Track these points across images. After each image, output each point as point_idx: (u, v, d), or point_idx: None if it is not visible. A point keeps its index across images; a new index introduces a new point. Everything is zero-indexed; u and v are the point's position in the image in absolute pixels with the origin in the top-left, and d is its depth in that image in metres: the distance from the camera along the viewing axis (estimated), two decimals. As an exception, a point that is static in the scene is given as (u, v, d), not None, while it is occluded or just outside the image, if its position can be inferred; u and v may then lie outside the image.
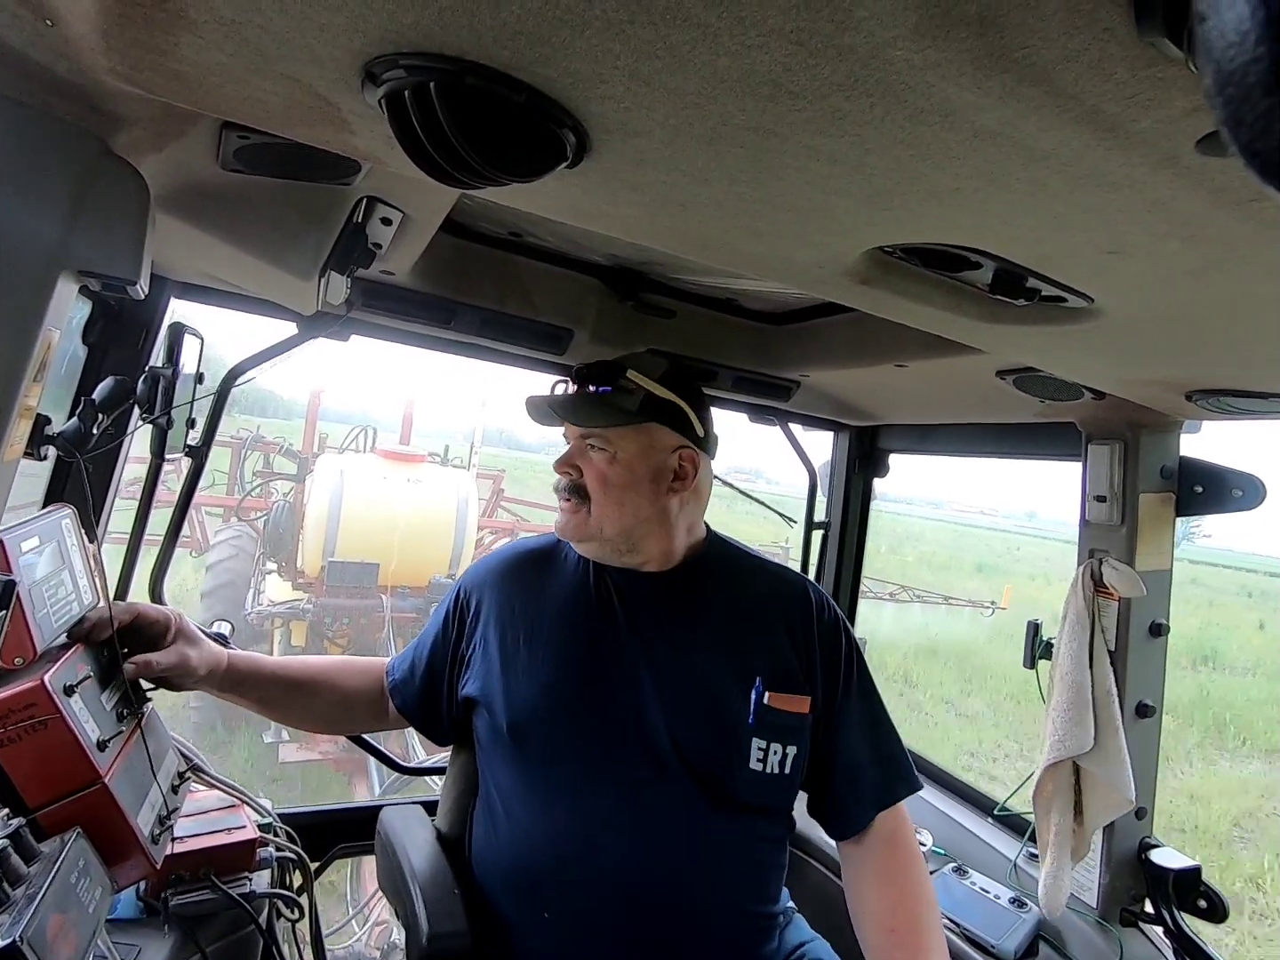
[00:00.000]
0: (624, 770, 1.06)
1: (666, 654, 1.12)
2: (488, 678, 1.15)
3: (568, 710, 1.09)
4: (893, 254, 0.77)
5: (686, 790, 1.06)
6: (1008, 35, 0.39)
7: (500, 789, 1.13)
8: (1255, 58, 0.16)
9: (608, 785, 1.06)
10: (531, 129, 0.56)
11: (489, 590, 1.22)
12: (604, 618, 1.15)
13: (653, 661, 1.12)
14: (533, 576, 1.22)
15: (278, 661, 1.24)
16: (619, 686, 1.10)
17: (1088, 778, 1.38)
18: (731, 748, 1.08)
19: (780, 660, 1.14)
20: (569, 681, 1.11)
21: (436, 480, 7.76)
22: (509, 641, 1.16)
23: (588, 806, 1.05)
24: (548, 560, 1.24)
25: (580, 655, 1.13)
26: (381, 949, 3.64)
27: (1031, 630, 1.53)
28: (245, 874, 1.21)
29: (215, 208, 0.99)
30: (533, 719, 1.10)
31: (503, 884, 1.10)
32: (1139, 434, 1.37)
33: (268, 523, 7.74)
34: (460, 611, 1.23)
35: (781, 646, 1.15)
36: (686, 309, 1.60)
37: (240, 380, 1.44)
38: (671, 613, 1.16)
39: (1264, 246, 0.60)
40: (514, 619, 1.17)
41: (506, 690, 1.12)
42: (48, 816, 0.84)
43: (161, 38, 0.54)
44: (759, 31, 0.42)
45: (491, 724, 1.14)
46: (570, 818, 1.05)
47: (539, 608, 1.17)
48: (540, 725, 1.09)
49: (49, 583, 0.92)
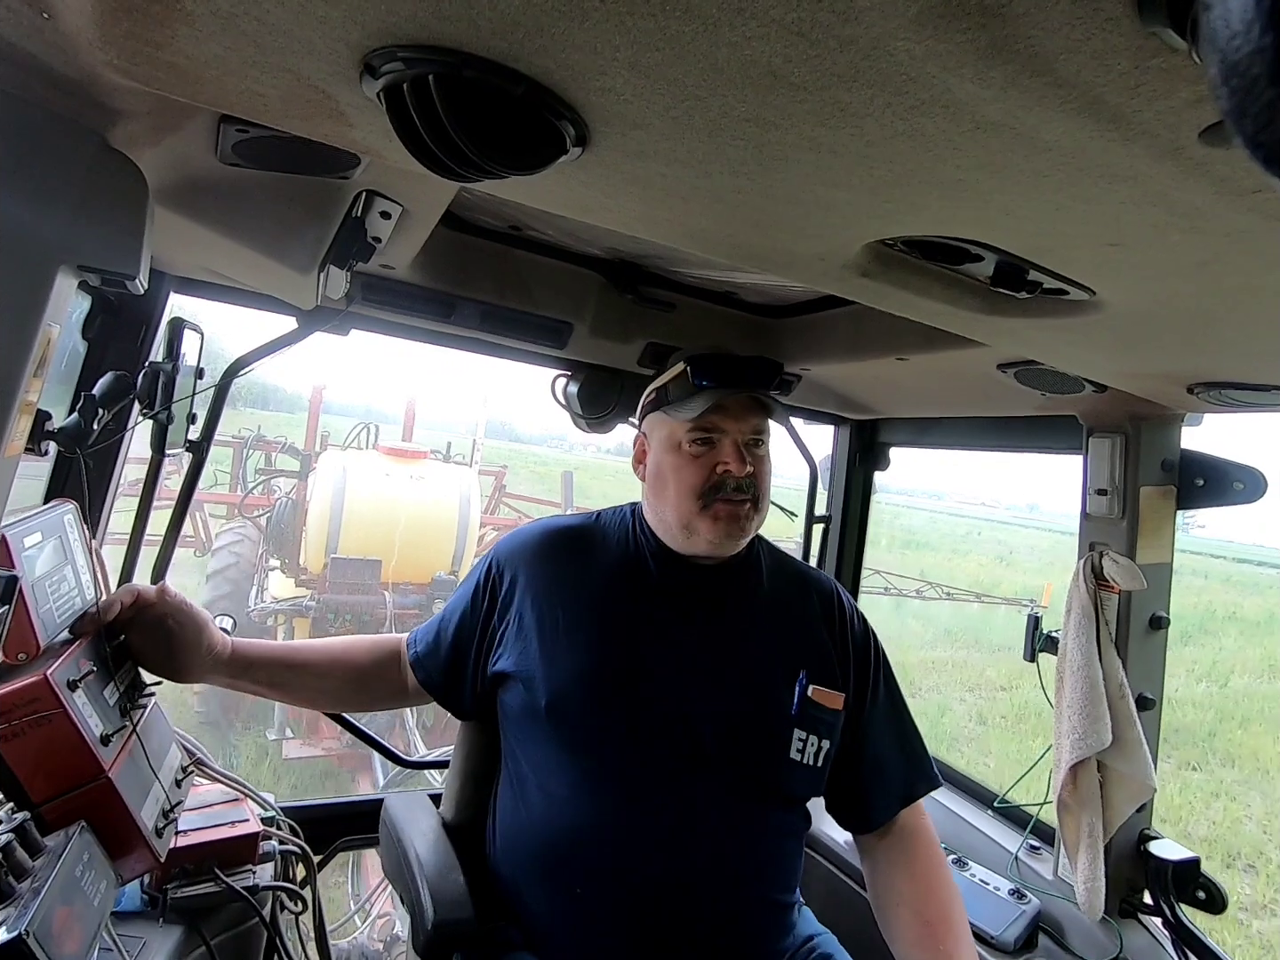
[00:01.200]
0: (666, 756, 1.06)
1: (717, 643, 1.13)
2: (525, 655, 1.13)
3: (614, 693, 1.09)
4: (894, 247, 0.77)
5: (727, 778, 1.07)
6: (1010, 26, 0.39)
7: (534, 766, 1.12)
8: (1260, 48, 0.16)
9: (650, 770, 1.06)
10: (530, 121, 0.56)
11: (525, 566, 1.19)
12: (655, 603, 1.15)
13: (703, 650, 1.12)
14: (575, 556, 1.20)
15: (286, 644, 1.23)
16: (667, 672, 1.10)
17: (1109, 773, 1.37)
18: (775, 737, 1.10)
19: (822, 655, 1.17)
20: (616, 664, 1.10)
21: (439, 477, 7.76)
22: (550, 620, 1.14)
23: (629, 790, 1.05)
24: (589, 541, 1.22)
25: (629, 638, 1.12)
26: (384, 941, 3.67)
27: (1031, 623, 1.53)
28: (249, 867, 1.21)
29: (214, 202, 0.99)
30: (576, 699, 1.09)
31: (530, 860, 1.09)
32: (1140, 427, 1.37)
33: (271, 520, 7.75)
34: (492, 586, 1.20)
35: (823, 642, 1.18)
36: (686, 302, 1.59)
37: (240, 374, 1.44)
38: (724, 603, 1.17)
39: (1266, 238, 0.60)
40: (556, 598, 1.15)
41: (548, 669, 1.10)
42: (52, 811, 0.85)
43: (158, 30, 0.53)
44: (759, 22, 0.42)
45: (528, 701, 1.12)
46: (609, 799, 1.05)
47: (584, 588, 1.16)
48: (584, 706, 1.08)
49: (51, 578, 0.92)
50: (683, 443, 1.13)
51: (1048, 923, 1.44)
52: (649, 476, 1.19)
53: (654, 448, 1.19)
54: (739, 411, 1.12)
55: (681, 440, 1.13)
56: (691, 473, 1.12)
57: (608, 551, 1.21)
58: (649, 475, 1.19)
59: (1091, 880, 1.35)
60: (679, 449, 1.13)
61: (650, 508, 1.19)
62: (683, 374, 1.14)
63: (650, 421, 1.20)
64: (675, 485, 1.13)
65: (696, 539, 1.12)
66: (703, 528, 1.11)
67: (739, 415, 1.12)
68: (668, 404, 1.16)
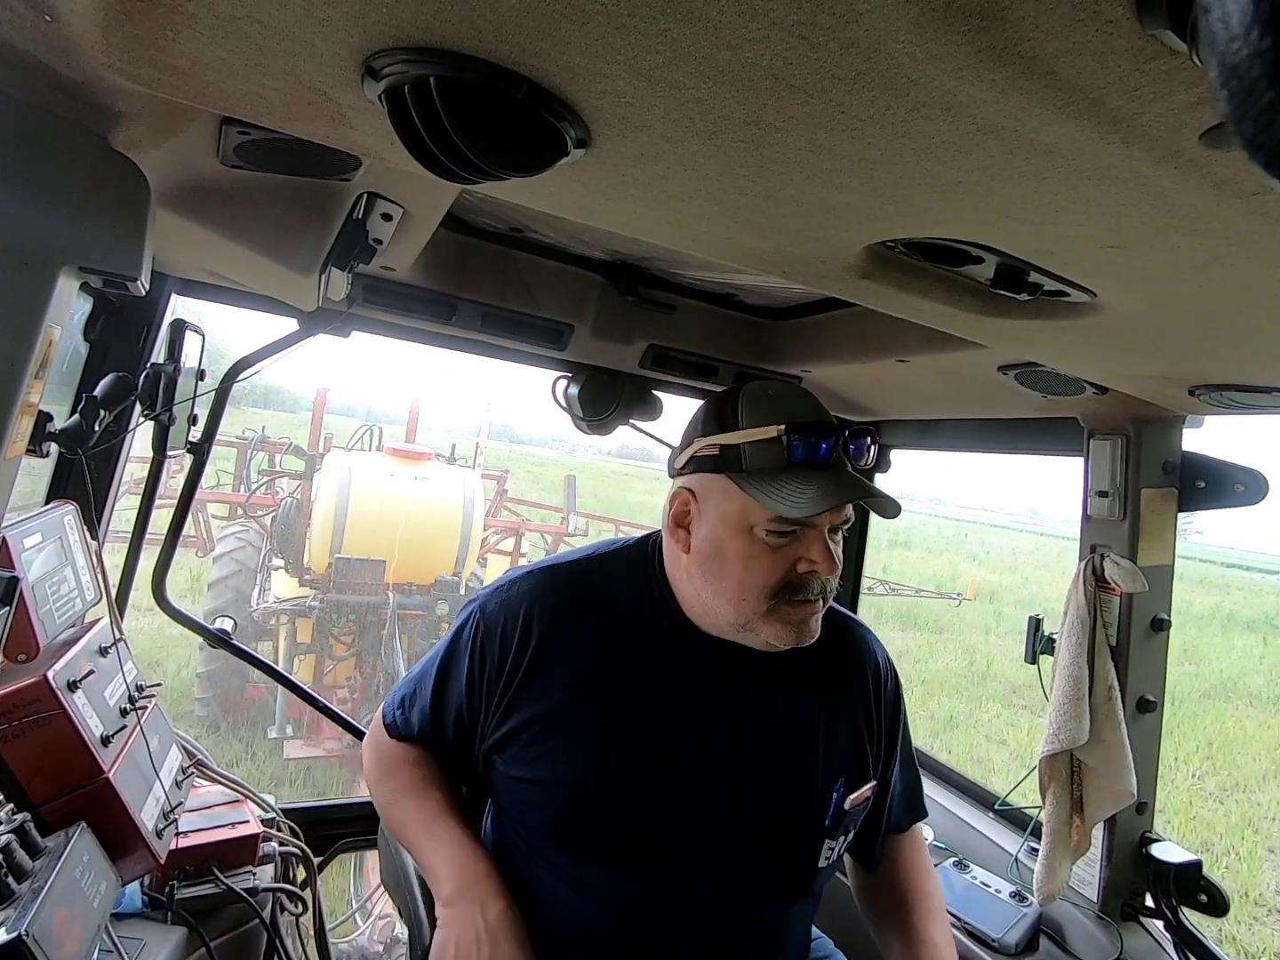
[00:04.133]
0: (683, 864, 0.96)
1: (751, 744, 1.00)
2: (524, 754, 0.98)
3: (625, 805, 0.96)
4: (894, 249, 0.77)
5: (747, 886, 0.99)
6: (1010, 28, 0.39)
7: (533, 851, 0.99)
8: (1259, 50, 0.16)
9: (661, 877, 0.96)
10: (532, 123, 0.56)
11: (518, 637, 0.99)
12: (680, 691, 0.99)
13: (734, 750, 0.99)
14: (580, 624, 1.00)
15: (465, 815, 1.05)
16: (690, 777, 0.97)
17: (1088, 771, 1.38)
18: (805, 852, 1.01)
19: (859, 753, 1.06)
20: (631, 770, 0.96)
21: (443, 478, 7.77)
22: (552, 713, 0.97)
23: (635, 893, 0.96)
24: (595, 601, 1.02)
25: (646, 736, 0.97)
26: (385, 943, 3.66)
27: (1033, 625, 1.53)
28: (249, 868, 1.22)
29: (215, 204, 0.99)
30: (580, 814, 0.96)
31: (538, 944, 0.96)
32: (1141, 429, 1.37)
33: (275, 519, 7.76)
34: (484, 661, 1.01)
35: (861, 732, 1.07)
36: (687, 304, 1.59)
37: (242, 377, 1.44)
38: (763, 696, 1.02)
39: (1267, 240, 0.60)
40: (558, 680, 0.98)
41: (550, 775, 0.97)
42: (52, 811, 0.85)
43: (160, 33, 0.53)
44: (760, 25, 0.42)
45: (527, 802, 0.99)
46: (615, 903, 0.96)
47: (593, 669, 0.98)
48: (589, 819, 0.96)
49: (51, 579, 0.92)
50: (757, 527, 0.91)
51: (1049, 925, 1.44)
52: (699, 551, 0.96)
53: (711, 519, 0.95)
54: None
55: (757, 525, 0.91)
56: (766, 568, 0.92)
57: (621, 618, 1.01)
58: (699, 550, 0.96)
59: (1046, 867, 1.37)
60: (749, 533, 0.92)
61: (691, 585, 0.98)
62: (774, 441, 0.91)
63: (707, 483, 0.96)
64: (741, 578, 0.92)
65: (752, 638, 0.95)
66: (766, 631, 0.93)
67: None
68: (743, 472, 0.92)
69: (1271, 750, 9.91)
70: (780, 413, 0.93)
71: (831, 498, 0.89)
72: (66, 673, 0.87)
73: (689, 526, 0.98)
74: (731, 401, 0.97)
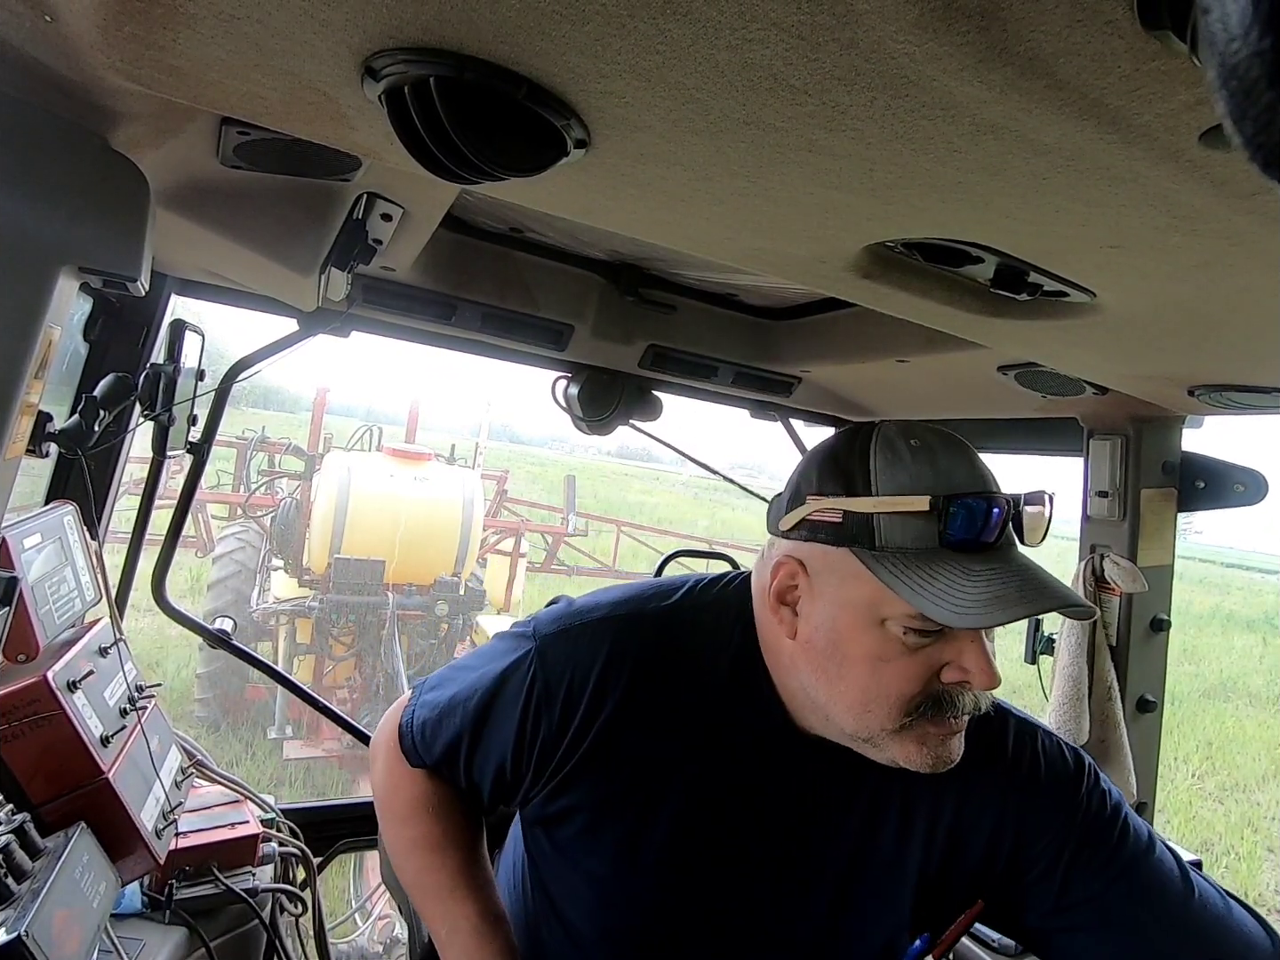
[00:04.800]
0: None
1: (849, 875, 0.84)
2: (601, 826, 0.84)
3: (708, 917, 0.83)
4: (894, 249, 0.77)
5: None
6: (1010, 29, 0.39)
7: (569, 905, 0.88)
8: (1258, 51, 0.16)
9: None
10: (531, 124, 0.56)
11: (612, 700, 0.81)
12: (792, 808, 0.82)
13: (828, 878, 0.84)
14: (686, 701, 0.82)
15: (487, 877, 0.93)
16: (785, 905, 0.83)
17: None
18: None
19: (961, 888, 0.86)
20: (719, 882, 0.82)
21: (443, 479, 7.77)
22: (645, 792, 0.82)
23: None
24: (704, 679, 0.83)
25: (725, 851, 0.82)
26: (384, 943, 3.66)
27: (1033, 625, 1.53)
28: (249, 869, 1.22)
29: (215, 204, 0.99)
30: (638, 932, 0.84)
31: None
32: (1141, 429, 1.37)
33: (275, 520, 7.76)
34: (558, 718, 0.82)
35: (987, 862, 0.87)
36: (687, 304, 1.59)
37: (241, 377, 1.44)
38: (874, 819, 0.84)
39: (1267, 240, 0.60)
40: (657, 760, 0.81)
41: (632, 863, 0.83)
42: (51, 812, 0.85)
43: (160, 33, 0.53)
44: (760, 25, 0.42)
45: (595, 889, 0.85)
46: None
47: (696, 759, 0.82)
48: (647, 938, 0.84)
49: (51, 579, 0.92)
50: (892, 621, 0.71)
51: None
52: (809, 643, 0.76)
53: (829, 604, 0.75)
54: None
55: (893, 619, 0.71)
56: (901, 675, 0.71)
57: (707, 695, 0.82)
58: (810, 641, 0.76)
59: None
60: (881, 627, 0.72)
61: (796, 677, 0.79)
62: (924, 515, 0.70)
63: (825, 557, 0.75)
64: (868, 685, 0.72)
65: (875, 753, 0.76)
66: (894, 750, 0.74)
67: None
68: (876, 550, 0.71)
69: (1271, 750, 9.95)
70: (929, 473, 0.71)
71: (1014, 606, 0.66)
72: (66, 673, 0.88)
73: (795, 606, 0.77)
74: (860, 452, 0.75)
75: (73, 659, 0.91)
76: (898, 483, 0.72)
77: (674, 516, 20.67)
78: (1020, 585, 0.69)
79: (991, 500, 0.71)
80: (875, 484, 0.73)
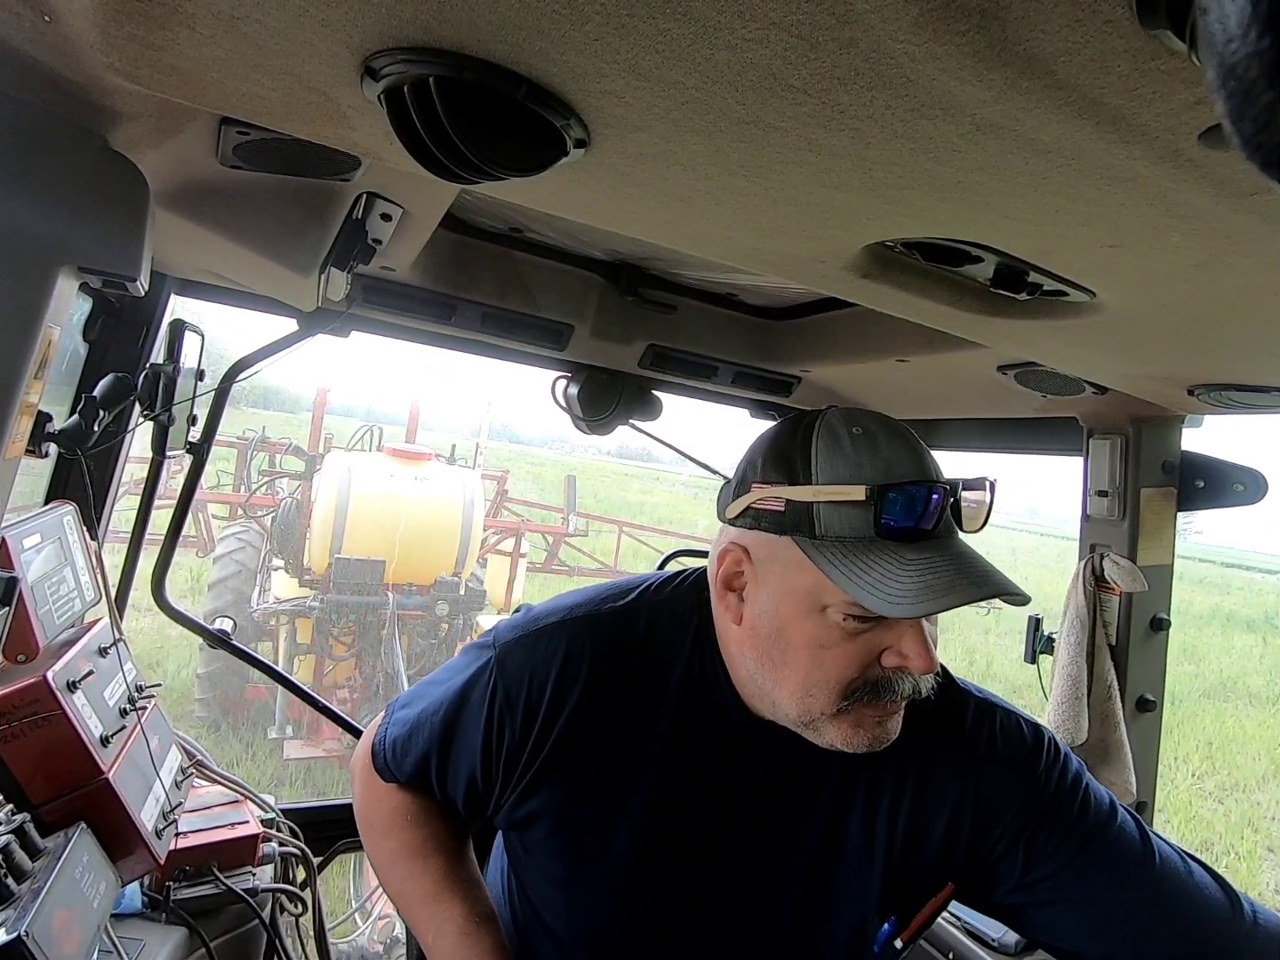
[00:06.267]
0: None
1: (809, 862, 0.84)
2: (569, 828, 0.84)
3: (681, 908, 0.83)
4: (894, 249, 0.77)
5: None
6: (1009, 28, 0.39)
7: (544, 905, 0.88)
8: (1257, 51, 0.16)
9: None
10: (531, 123, 0.56)
11: (572, 700, 0.81)
12: (756, 796, 0.83)
13: (789, 860, 0.84)
14: (644, 697, 0.83)
15: (474, 878, 0.93)
16: (754, 896, 0.84)
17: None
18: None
19: (931, 871, 0.87)
20: (688, 875, 0.83)
21: (443, 479, 7.78)
22: (610, 789, 0.83)
23: None
24: (663, 675, 0.84)
25: (711, 840, 0.83)
26: (384, 943, 3.66)
27: (1033, 625, 1.53)
28: (249, 869, 1.22)
29: (215, 204, 0.99)
30: (612, 937, 0.85)
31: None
32: (1140, 429, 1.37)
33: (275, 520, 7.77)
34: (520, 725, 0.83)
35: (950, 843, 0.88)
36: (687, 304, 1.60)
37: (241, 377, 1.44)
38: (839, 803, 0.84)
39: (1266, 240, 0.60)
40: (621, 760, 0.82)
41: (600, 866, 0.83)
42: (51, 812, 0.85)
43: (159, 33, 0.53)
44: (759, 25, 0.42)
45: (566, 893, 0.85)
46: None
47: (659, 754, 0.82)
48: (620, 940, 0.85)
49: (51, 580, 0.92)
50: (832, 609, 0.72)
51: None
52: (754, 629, 0.77)
53: (772, 591, 0.76)
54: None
55: (833, 606, 0.72)
56: (842, 659, 0.73)
57: (665, 689, 0.83)
58: (755, 627, 0.77)
59: None
60: (821, 614, 0.73)
61: (744, 663, 0.80)
62: (861, 504, 0.71)
63: (768, 546, 0.76)
64: (809, 671, 0.74)
65: (816, 737, 0.77)
66: (833, 733, 0.75)
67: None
68: (816, 539, 0.72)
69: (1271, 750, 9.98)
70: (869, 461, 0.72)
71: (945, 594, 0.67)
72: (66, 673, 0.88)
73: (741, 592, 0.79)
74: (803, 440, 0.75)
75: (73, 659, 0.91)
76: (837, 471, 0.72)
77: (674, 516, 20.70)
78: (954, 574, 0.69)
79: (928, 488, 0.72)
80: (815, 472, 0.73)
